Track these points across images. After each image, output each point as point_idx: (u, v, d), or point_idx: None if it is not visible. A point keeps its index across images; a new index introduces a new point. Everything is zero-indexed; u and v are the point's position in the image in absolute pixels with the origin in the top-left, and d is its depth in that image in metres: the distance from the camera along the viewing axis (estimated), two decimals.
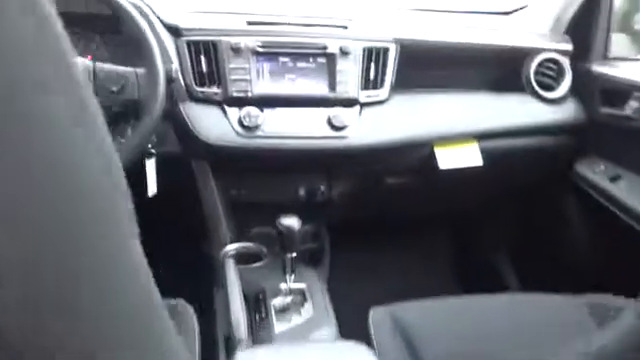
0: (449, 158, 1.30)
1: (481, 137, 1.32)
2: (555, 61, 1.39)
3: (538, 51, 1.39)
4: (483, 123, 1.33)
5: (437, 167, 1.29)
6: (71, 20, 1.04)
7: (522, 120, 1.35)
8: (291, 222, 1.12)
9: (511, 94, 1.39)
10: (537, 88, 1.38)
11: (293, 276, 1.16)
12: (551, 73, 1.39)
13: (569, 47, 1.41)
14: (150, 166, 1.14)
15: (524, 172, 1.49)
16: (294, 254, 1.14)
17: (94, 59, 1.08)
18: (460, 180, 1.40)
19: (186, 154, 1.22)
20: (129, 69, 1.01)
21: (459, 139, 1.31)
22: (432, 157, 1.30)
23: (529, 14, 1.59)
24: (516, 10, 1.65)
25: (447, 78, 1.39)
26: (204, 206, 1.30)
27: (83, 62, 1.00)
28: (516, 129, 1.35)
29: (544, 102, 1.38)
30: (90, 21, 1.19)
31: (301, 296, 1.19)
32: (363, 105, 1.24)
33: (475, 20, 1.65)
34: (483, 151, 1.32)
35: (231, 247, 1.28)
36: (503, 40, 1.41)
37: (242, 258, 1.28)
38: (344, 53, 1.22)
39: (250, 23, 1.24)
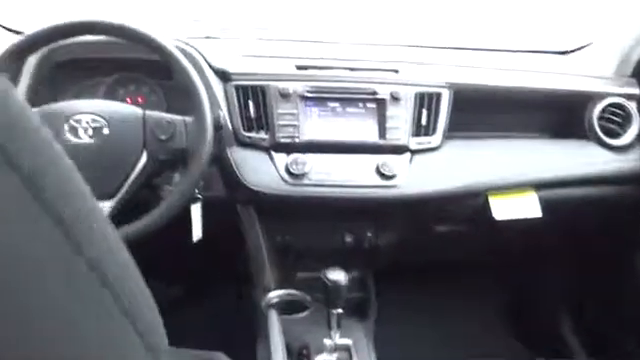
0: (505, 208, 1.23)
1: (540, 186, 1.24)
2: (621, 106, 1.31)
3: (602, 95, 1.31)
4: (542, 172, 1.25)
5: (492, 217, 1.22)
6: (123, 65, 1.06)
7: (585, 169, 1.27)
8: (338, 276, 1.07)
9: (572, 140, 1.32)
10: (601, 134, 1.30)
11: (339, 332, 1.11)
12: (616, 119, 1.31)
13: (636, 91, 1.33)
14: (196, 211, 1.12)
15: (586, 223, 1.40)
16: (340, 310, 1.09)
17: (144, 107, 1.09)
18: (516, 230, 1.32)
19: (232, 199, 1.20)
20: (178, 117, 1.00)
21: (516, 188, 1.24)
22: (486, 207, 1.23)
23: (590, 54, 1.52)
24: (576, 50, 1.58)
25: (503, 123, 1.33)
26: (248, 251, 1.28)
27: (134, 110, 1.00)
28: (578, 178, 1.26)
29: (609, 149, 1.30)
30: (142, 66, 1.20)
31: (347, 353, 1.13)
32: (414, 152, 1.19)
33: (532, 60, 1.59)
34: (542, 201, 1.24)
35: (275, 294, 1.24)
36: (563, 83, 1.34)
37: (286, 307, 1.24)
38: (395, 99, 1.18)
39: (299, 67, 1.23)
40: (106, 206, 0.95)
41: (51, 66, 1.15)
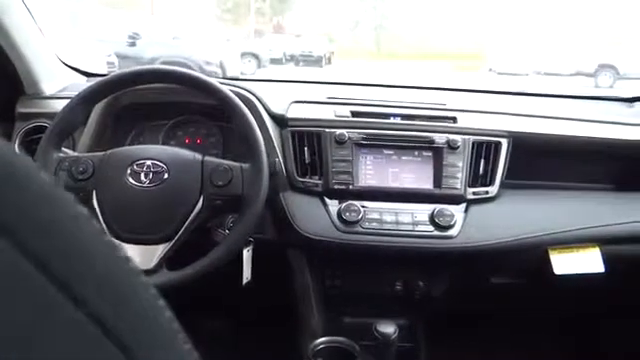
0: (566, 263, 1.17)
1: (603, 242, 1.18)
2: None
3: None
4: (605, 226, 1.19)
5: (551, 272, 1.17)
6: (183, 108, 1.08)
7: None
8: (388, 329, 1.04)
9: (637, 194, 1.25)
10: None
11: None
12: None
13: None
14: (247, 254, 1.13)
15: None
16: None
17: (202, 149, 1.11)
18: (577, 285, 1.26)
19: (282, 243, 1.20)
20: (235, 164, 1.02)
21: (578, 243, 1.18)
22: (546, 261, 1.17)
23: None
24: None
25: (564, 174, 1.28)
26: (297, 295, 1.27)
27: (193, 155, 1.02)
28: None
29: None
30: (201, 109, 1.23)
31: None
32: (470, 202, 1.16)
33: (594, 108, 1.54)
34: (605, 256, 1.18)
35: (321, 340, 1.22)
36: (627, 133, 1.28)
37: (332, 354, 1.22)
38: (452, 147, 1.16)
39: (354, 114, 1.23)
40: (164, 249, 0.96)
41: (115, 111, 1.20)
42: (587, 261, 1.18)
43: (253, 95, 1.20)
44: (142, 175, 0.98)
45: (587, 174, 1.30)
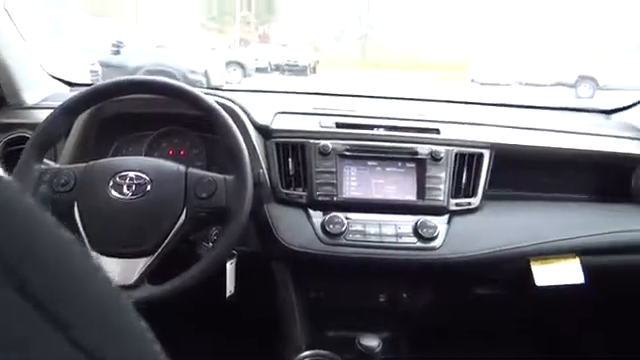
0: (547, 274, 1.18)
1: (583, 253, 1.20)
2: None
3: None
4: (586, 237, 1.20)
5: (533, 283, 1.18)
6: (167, 119, 1.07)
7: (632, 235, 1.22)
8: (372, 342, 1.04)
9: (618, 204, 1.27)
10: None
11: None
12: None
13: None
14: (230, 267, 1.12)
15: (632, 292, 1.33)
16: None
17: (186, 160, 1.10)
18: (559, 295, 1.27)
19: (266, 255, 1.19)
20: (219, 176, 1.01)
21: (558, 254, 1.20)
22: (528, 272, 1.18)
23: (633, 115, 1.48)
24: (620, 109, 1.55)
25: (545, 185, 1.29)
26: (280, 308, 1.26)
27: (177, 167, 1.01)
28: (624, 245, 1.21)
29: None
30: (185, 120, 1.23)
31: None
32: (453, 213, 1.17)
33: (574, 119, 1.56)
34: (585, 267, 1.19)
35: (305, 354, 1.21)
36: (608, 145, 1.31)
37: None
38: (435, 159, 1.17)
39: (339, 125, 1.23)
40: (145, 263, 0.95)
41: (98, 122, 1.19)
42: (567, 272, 1.19)
43: (238, 106, 1.19)
44: (125, 187, 0.97)
45: (568, 185, 1.32)
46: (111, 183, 0.97)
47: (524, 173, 1.29)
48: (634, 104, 1.50)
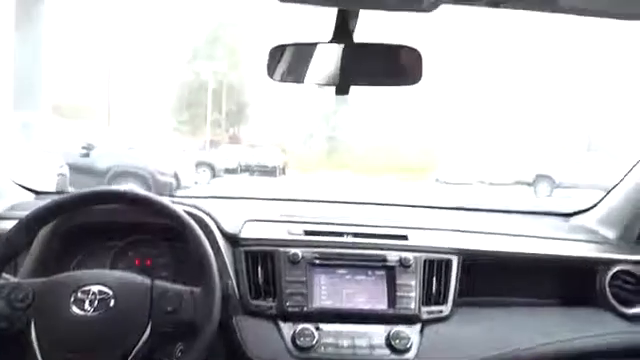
0: None
1: (552, 358, 1.18)
2: (632, 274, 1.29)
3: (612, 262, 1.30)
4: (556, 343, 1.19)
5: None
6: (134, 228, 1.05)
7: (598, 340, 1.21)
8: None
9: (584, 308, 1.28)
10: (614, 302, 1.27)
11: None
12: (628, 287, 1.29)
13: None
14: None
15: None
16: None
17: (152, 271, 1.07)
18: None
19: None
20: (185, 288, 0.99)
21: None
22: None
23: (592, 218, 1.54)
24: (579, 212, 1.61)
25: (514, 290, 1.30)
26: None
27: (142, 280, 0.99)
28: (591, 349, 1.20)
29: (623, 318, 1.26)
30: (153, 229, 1.21)
31: None
32: (425, 322, 1.16)
33: (536, 223, 1.61)
34: None
35: None
36: (570, 249, 1.34)
37: None
38: (404, 266, 1.18)
39: (308, 233, 1.24)
40: None
41: (61, 233, 1.16)
42: None
43: (206, 214, 1.20)
44: (87, 303, 0.93)
45: (535, 290, 1.33)
46: (72, 299, 0.93)
47: (492, 278, 1.30)
48: (591, 207, 1.56)
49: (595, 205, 1.55)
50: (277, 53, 1.01)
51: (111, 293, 0.95)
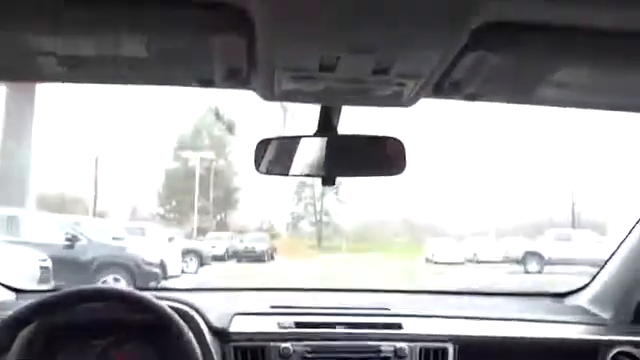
0: None
1: None
2: (632, 355, 1.26)
3: (611, 343, 1.27)
4: None
5: None
6: (118, 324, 1.01)
7: None
8: None
9: None
10: None
11: None
12: None
13: None
14: None
15: None
16: None
17: None
18: None
19: None
20: None
21: None
22: None
23: (586, 298, 1.52)
24: (570, 293, 1.59)
25: None
26: None
27: None
28: None
29: None
30: (139, 325, 1.17)
31: None
32: None
33: (530, 305, 1.59)
34: None
35: None
36: (568, 332, 1.32)
37: None
38: (399, 357, 1.14)
39: (299, 325, 1.20)
40: None
41: (42, 334, 1.11)
42: None
43: (192, 308, 1.16)
44: None
45: None
46: None
47: None
48: (584, 286, 1.55)
49: (588, 285, 1.54)
50: (263, 147, 1.02)
51: None
